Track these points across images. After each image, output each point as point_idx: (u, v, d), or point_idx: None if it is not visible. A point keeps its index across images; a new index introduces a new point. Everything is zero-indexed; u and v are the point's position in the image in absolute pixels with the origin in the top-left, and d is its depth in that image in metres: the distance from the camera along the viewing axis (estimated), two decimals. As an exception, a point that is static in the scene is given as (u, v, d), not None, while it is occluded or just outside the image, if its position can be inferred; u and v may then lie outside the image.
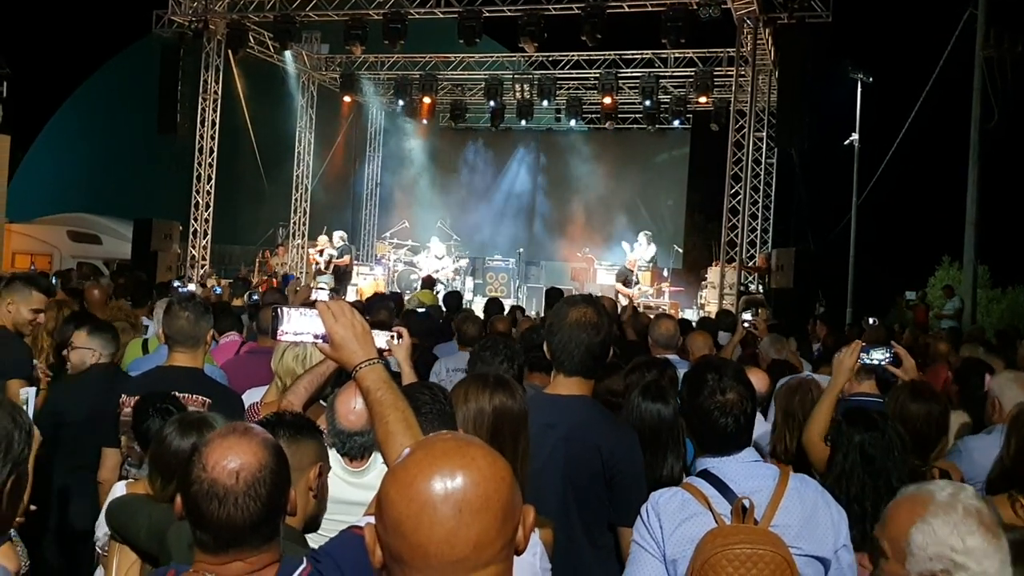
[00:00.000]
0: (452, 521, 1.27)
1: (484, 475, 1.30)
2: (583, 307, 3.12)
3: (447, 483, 1.28)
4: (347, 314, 2.12)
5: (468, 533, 1.27)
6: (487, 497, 1.29)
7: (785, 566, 2.34)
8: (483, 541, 1.28)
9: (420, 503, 1.28)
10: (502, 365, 4.21)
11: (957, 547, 1.74)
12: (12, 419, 1.65)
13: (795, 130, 15.45)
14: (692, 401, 2.64)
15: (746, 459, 2.59)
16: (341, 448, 2.95)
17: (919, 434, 3.48)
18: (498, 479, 1.31)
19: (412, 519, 1.28)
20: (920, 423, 3.53)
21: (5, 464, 1.62)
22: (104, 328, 4.59)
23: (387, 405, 2.03)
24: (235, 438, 1.79)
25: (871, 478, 3.00)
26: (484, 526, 1.28)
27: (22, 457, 1.66)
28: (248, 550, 1.75)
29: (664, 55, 19.94)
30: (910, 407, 3.55)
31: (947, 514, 1.79)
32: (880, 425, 3.11)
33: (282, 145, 23.31)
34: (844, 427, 3.16)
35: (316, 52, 22.35)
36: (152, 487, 2.85)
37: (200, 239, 20.11)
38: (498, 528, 1.29)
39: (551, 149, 24.91)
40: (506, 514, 1.31)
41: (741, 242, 16.83)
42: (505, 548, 1.31)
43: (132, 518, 2.74)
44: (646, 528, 2.51)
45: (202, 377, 3.92)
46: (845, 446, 3.10)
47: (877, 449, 3.05)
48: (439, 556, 1.27)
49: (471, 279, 20.01)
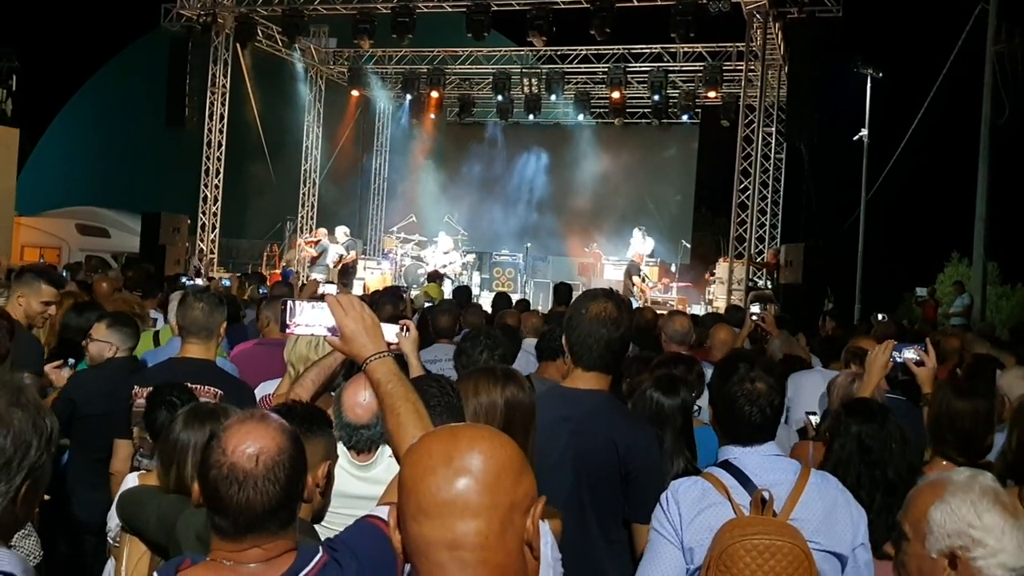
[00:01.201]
0: (444, 467, 1.36)
1: (483, 437, 1.41)
2: (603, 302, 3.10)
3: (449, 441, 1.40)
4: (356, 307, 2.13)
5: (456, 476, 1.34)
6: (479, 451, 1.37)
7: (803, 557, 2.35)
8: (469, 488, 1.34)
9: (421, 454, 1.40)
10: (482, 355, 4.22)
11: (975, 523, 1.76)
12: (33, 424, 1.63)
13: (804, 125, 15.42)
14: (720, 388, 2.66)
15: (768, 452, 2.61)
16: (347, 441, 2.95)
17: (966, 432, 3.35)
18: (498, 446, 1.40)
19: (411, 468, 1.39)
20: (967, 421, 3.37)
21: (20, 470, 1.60)
22: (124, 322, 4.58)
23: (398, 397, 2.03)
24: (254, 423, 1.80)
25: (867, 468, 2.97)
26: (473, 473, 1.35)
27: (40, 463, 1.64)
28: (266, 536, 1.75)
29: (673, 49, 19.89)
30: (956, 405, 3.39)
31: (965, 493, 1.80)
32: (879, 417, 3.08)
33: (290, 139, 23.32)
34: (843, 416, 3.14)
35: (324, 46, 22.36)
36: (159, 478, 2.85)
37: (208, 233, 20.15)
38: (487, 482, 1.35)
39: (559, 144, 24.83)
40: (499, 472, 1.37)
41: (750, 237, 16.80)
42: (496, 510, 1.35)
43: (141, 509, 2.74)
44: (665, 516, 2.53)
45: (214, 369, 3.92)
46: (843, 436, 3.08)
47: (874, 441, 3.02)
48: (427, 496, 1.35)
49: (478, 274, 19.99)
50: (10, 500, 1.59)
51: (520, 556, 1.36)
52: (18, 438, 1.59)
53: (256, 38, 19.59)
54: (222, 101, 19.93)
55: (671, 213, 24.28)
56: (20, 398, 1.62)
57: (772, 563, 2.33)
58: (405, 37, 17.55)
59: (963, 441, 3.35)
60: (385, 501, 1.94)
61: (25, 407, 1.62)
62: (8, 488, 1.59)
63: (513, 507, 1.36)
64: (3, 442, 1.57)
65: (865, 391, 3.67)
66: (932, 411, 3.49)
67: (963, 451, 3.35)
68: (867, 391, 3.66)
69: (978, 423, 3.40)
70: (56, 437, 1.67)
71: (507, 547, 1.35)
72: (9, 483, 1.59)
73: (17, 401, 1.62)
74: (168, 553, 2.56)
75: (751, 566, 2.34)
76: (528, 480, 1.39)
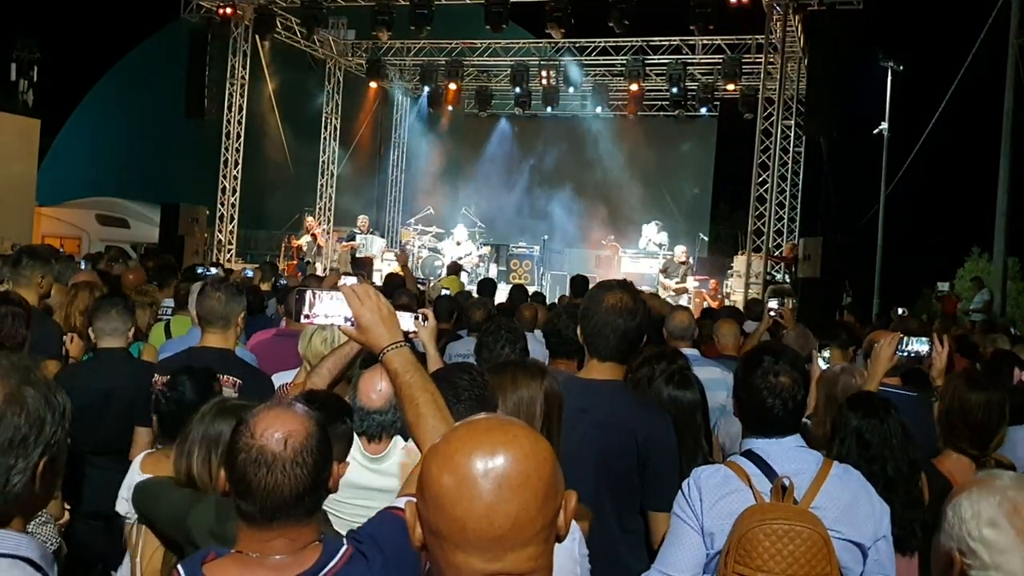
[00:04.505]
0: (492, 496, 1.26)
1: (526, 453, 1.29)
2: (619, 292, 3.10)
3: (488, 459, 1.27)
4: (372, 297, 2.12)
5: (507, 509, 1.26)
6: (528, 475, 1.28)
7: (822, 543, 2.36)
8: (522, 519, 1.26)
9: (460, 476, 1.27)
10: (504, 349, 4.20)
11: (974, 534, 1.72)
12: (45, 400, 1.65)
13: (824, 119, 15.31)
14: (745, 380, 2.67)
15: (791, 444, 2.62)
16: (360, 426, 2.96)
17: (979, 424, 3.36)
18: (540, 458, 1.30)
19: (451, 492, 1.28)
20: (980, 412, 3.38)
21: (36, 446, 1.62)
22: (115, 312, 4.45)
23: (416, 387, 2.02)
24: (281, 409, 1.82)
25: (866, 464, 2.95)
26: (524, 503, 1.27)
27: (55, 439, 1.66)
28: (291, 523, 1.76)
29: (692, 42, 19.77)
30: (969, 396, 3.40)
31: (979, 499, 1.75)
32: (881, 413, 3.07)
33: (308, 130, 23.38)
34: (844, 411, 3.13)
35: (342, 38, 22.35)
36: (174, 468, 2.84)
37: (227, 224, 20.23)
38: (538, 507, 1.28)
39: (577, 136, 24.77)
40: (547, 494, 1.29)
41: (768, 231, 16.71)
42: (545, 529, 1.30)
43: (155, 502, 2.74)
44: (686, 501, 2.56)
45: (233, 358, 3.94)
46: (843, 430, 3.07)
47: (874, 436, 3.02)
48: (477, 531, 1.26)
49: (495, 266, 19.97)
50: (29, 477, 1.61)
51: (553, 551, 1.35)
52: (32, 415, 1.61)
53: (275, 30, 19.63)
54: (241, 92, 19.99)
55: (689, 206, 24.19)
56: (30, 376, 1.64)
57: (791, 548, 2.35)
58: (423, 29, 17.54)
59: (975, 433, 3.35)
60: (406, 492, 1.93)
61: (36, 385, 1.64)
62: (27, 464, 1.60)
63: (556, 515, 1.32)
64: (18, 420, 1.59)
65: (869, 384, 3.65)
66: (944, 403, 3.48)
67: (975, 443, 3.35)
68: (871, 384, 3.64)
69: (991, 415, 3.40)
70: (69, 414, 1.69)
71: (549, 555, 1.32)
72: (27, 459, 1.60)
73: (28, 379, 1.63)
74: (180, 548, 2.57)
75: (770, 550, 2.36)
76: (560, 479, 1.34)
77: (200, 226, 18.09)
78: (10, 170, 18.29)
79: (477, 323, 6.04)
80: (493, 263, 19.90)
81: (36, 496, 1.65)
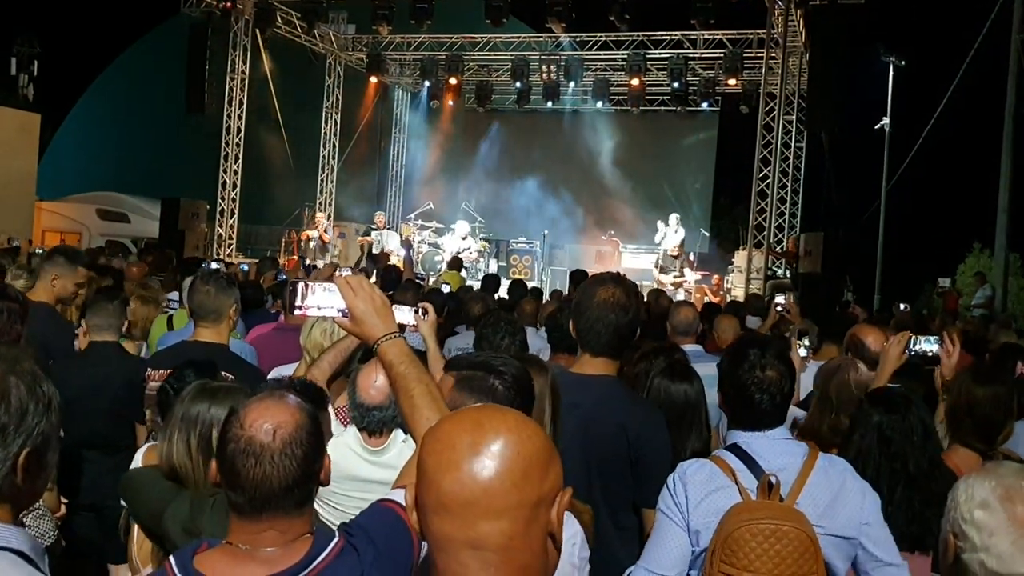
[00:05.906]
0: (469, 460, 1.27)
1: (509, 427, 1.31)
2: (611, 287, 3.07)
3: (476, 431, 1.30)
4: (366, 288, 2.11)
5: (482, 473, 1.26)
6: (510, 447, 1.28)
7: (808, 543, 2.34)
8: (495, 486, 1.26)
9: (445, 444, 1.31)
10: (503, 341, 4.18)
11: (966, 516, 1.75)
12: (30, 389, 1.62)
13: (825, 114, 15.29)
14: (731, 374, 2.62)
15: (777, 436, 2.59)
16: (360, 422, 2.95)
17: (986, 418, 3.35)
18: (526, 436, 1.31)
19: (434, 458, 1.31)
20: (987, 407, 3.37)
21: (17, 435, 1.60)
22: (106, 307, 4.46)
23: (411, 379, 2.02)
24: (272, 400, 1.81)
25: (887, 460, 2.94)
26: (499, 471, 1.27)
27: (39, 430, 1.63)
28: (281, 515, 1.74)
29: (693, 36, 19.74)
30: (976, 391, 3.38)
31: (975, 483, 1.78)
32: (902, 409, 3.03)
33: (308, 125, 23.36)
34: (865, 406, 3.10)
35: (343, 32, 22.33)
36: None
37: (227, 218, 20.23)
38: (514, 481, 1.27)
39: (577, 131, 24.73)
40: (527, 472, 1.28)
41: (769, 226, 16.71)
42: (523, 508, 1.28)
43: (136, 495, 2.71)
44: (672, 498, 2.53)
45: (225, 352, 3.90)
46: (863, 426, 3.04)
47: (896, 432, 2.98)
48: (451, 493, 1.27)
49: (495, 261, 19.96)
50: (9, 468, 1.59)
51: (544, 552, 1.32)
52: (13, 404, 1.59)
53: (275, 24, 19.62)
54: (241, 87, 19.99)
55: (690, 201, 24.14)
56: (16, 366, 1.63)
57: (778, 547, 2.33)
58: (424, 23, 17.56)
59: (982, 427, 3.33)
60: (400, 484, 1.92)
61: (21, 375, 1.62)
62: (6, 455, 1.58)
63: (539, 502, 1.29)
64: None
65: (879, 381, 3.63)
66: (951, 398, 3.47)
67: (982, 437, 3.33)
68: (880, 381, 3.62)
69: (997, 409, 3.39)
70: (57, 406, 1.67)
71: (532, 546, 1.30)
72: (6, 449, 1.58)
73: (13, 369, 1.62)
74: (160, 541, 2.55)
75: (756, 550, 2.34)
76: (555, 471, 1.32)
77: (200, 221, 18.10)
78: (10, 165, 18.31)
79: (476, 317, 6.02)
80: (493, 258, 19.89)
81: (20, 489, 1.62)
